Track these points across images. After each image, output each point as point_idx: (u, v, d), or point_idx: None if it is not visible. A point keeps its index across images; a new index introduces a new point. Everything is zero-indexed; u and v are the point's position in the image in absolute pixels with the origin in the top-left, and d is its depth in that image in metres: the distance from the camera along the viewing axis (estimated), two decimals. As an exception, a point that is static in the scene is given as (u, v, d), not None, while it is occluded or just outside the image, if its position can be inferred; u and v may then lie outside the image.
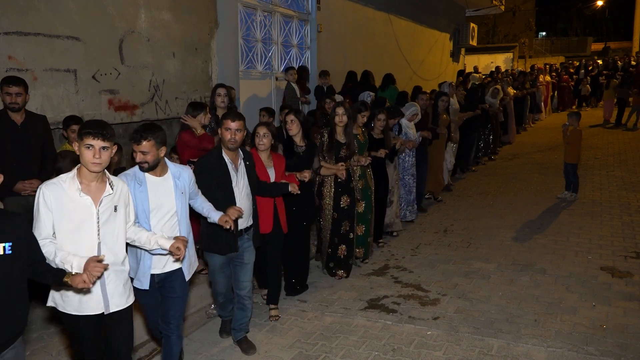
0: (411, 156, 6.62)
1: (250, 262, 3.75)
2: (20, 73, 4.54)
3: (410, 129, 6.55)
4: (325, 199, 4.94)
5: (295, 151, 4.56)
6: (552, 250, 5.63)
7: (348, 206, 4.98)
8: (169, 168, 3.15)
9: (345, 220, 4.98)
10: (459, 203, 7.71)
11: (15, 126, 4.07)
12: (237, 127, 3.50)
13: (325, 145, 4.84)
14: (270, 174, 4.14)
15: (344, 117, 4.83)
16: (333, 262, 5.04)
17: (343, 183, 4.92)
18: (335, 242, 5.00)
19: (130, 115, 5.76)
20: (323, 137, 4.88)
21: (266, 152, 4.12)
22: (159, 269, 3.13)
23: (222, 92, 5.28)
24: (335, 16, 10.14)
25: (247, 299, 3.76)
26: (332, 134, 4.86)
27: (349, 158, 4.95)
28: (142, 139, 2.95)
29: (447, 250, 5.77)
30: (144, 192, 3.00)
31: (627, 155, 10.60)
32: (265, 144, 4.06)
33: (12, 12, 4.56)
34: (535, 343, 3.74)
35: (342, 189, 4.94)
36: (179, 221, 3.13)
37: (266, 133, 4.06)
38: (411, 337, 3.90)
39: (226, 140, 3.51)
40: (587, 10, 34.97)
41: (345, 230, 5.00)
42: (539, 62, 24.50)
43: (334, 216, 4.94)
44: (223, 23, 7.07)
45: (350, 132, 4.90)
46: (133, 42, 5.73)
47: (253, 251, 3.79)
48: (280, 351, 3.75)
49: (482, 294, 4.59)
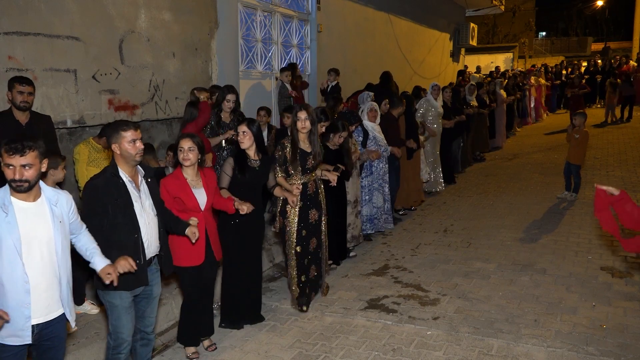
0: (383, 162, 6.07)
1: (158, 295, 3.24)
2: (20, 73, 4.54)
3: (378, 133, 5.99)
4: (289, 216, 4.28)
5: (249, 166, 4.00)
6: (552, 250, 5.62)
7: (316, 221, 4.42)
8: (43, 192, 2.56)
9: (313, 237, 4.42)
10: (459, 203, 7.71)
11: (20, 126, 4.15)
12: (139, 137, 2.97)
13: (289, 156, 4.20)
14: (200, 198, 3.55)
15: (306, 123, 4.19)
16: (301, 285, 4.39)
17: (311, 196, 4.35)
18: (305, 264, 4.38)
19: (130, 115, 5.76)
20: (285, 149, 4.21)
21: (192, 168, 3.54)
22: (41, 317, 2.54)
23: (232, 98, 5.34)
24: (335, 16, 10.14)
25: (152, 334, 3.32)
26: (294, 142, 4.22)
27: (315, 168, 4.39)
28: (25, 149, 2.39)
29: (447, 250, 5.77)
30: (12, 221, 2.41)
31: (627, 155, 10.59)
32: (191, 159, 3.47)
33: (12, 12, 4.56)
34: (535, 343, 3.74)
35: (310, 202, 4.34)
36: (57, 259, 2.55)
37: (192, 147, 3.46)
38: (411, 337, 3.90)
39: (132, 154, 2.92)
40: (587, 10, 35.00)
41: (313, 249, 4.44)
42: (539, 62, 24.50)
43: (302, 233, 4.31)
44: (223, 23, 7.07)
45: (316, 140, 4.29)
46: (133, 42, 5.73)
47: (160, 283, 3.27)
48: (280, 351, 3.75)
49: (482, 294, 4.59)
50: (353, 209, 5.64)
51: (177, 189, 3.49)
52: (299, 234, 4.29)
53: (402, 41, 13.43)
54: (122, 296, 2.99)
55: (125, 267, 2.77)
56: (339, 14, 10.32)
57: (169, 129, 6.47)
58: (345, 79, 9.29)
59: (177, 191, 3.48)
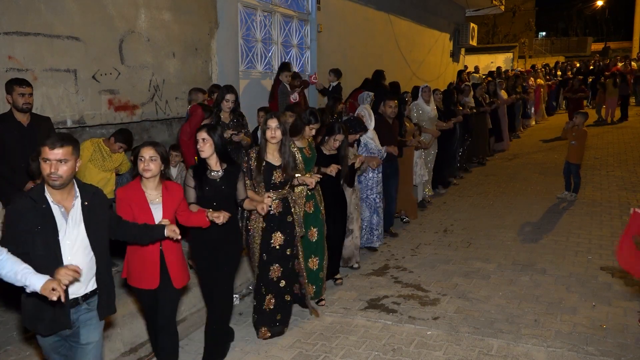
0: (376, 172, 5.53)
1: (92, 341, 2.67)
2: (20, 73, 4.56)
3: (371, 140, 5.48)
4: (253, 236, 3.86)
5: (210, 178, 3.49)
6: (552, 250, 5.63)
7: (281, 246, 3.88)
8: None
9: (275, 263, 3.88)
10: (459, 203, 7.71)
11: (22, 127, 4.19)
12: (63, 157, 2.43)
13: (253, 168, 3.77)
14: (155, 213, 3.09)
15: (277, 132, 3.71)
16: (257, 315, 3.96)
17: (276, 216, 3.84)
18: (262, 292, 3.91)
19: (130, 115, 5.77)
20: (250, 160, 3.79)
21: (153, 181, 3.10)
22: None
23: (231, 98, 5.32)
24: (335, 16, 10.14)
25: None
26: (261, 153, 3.79)
27: (285, 184, 3.86)
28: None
29: (447, 250, 5.76)
30: None
31: (627, 155, 10.60)
32: (152, 170, 3.03)
33: (12, 12, 4.56)
34: (535, 343, 3.74)
35: (273, 223, 3.85)
36: None
37: (154, 156, 3.03)
38: (411, 337, 3.90)
39: (45, 175, 2.44)
40: (587, 10, 35.02)
41: (275, 277, 3.90)
42: (539, 62, 24.49)
43: (263, 258, 3.87)
44: (223, 23, 7.07)
45: (287, 151, 3.80)
46: (133, 42, 5.74)
47: (98, 327, 2.71)
48: (280, 351, 3.75)
49: (482, 294, 4.59)
50: None
51: (132, 201, 3.06)
52: (260, 258, 3.88)
53: (402, 41, 13.43)
54: (44, 339, 2.63)
55: (68, 277, 2.30)
56: (339, 14, 10.32)
57: (169, 129, 6.47)
58: (345, 79, 9.28)
59: (132, 204, 3.05)
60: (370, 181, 5.54)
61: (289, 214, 3.90)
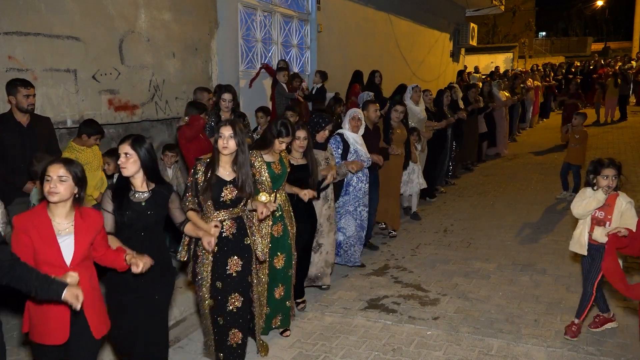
0: (364, 182, 5.07)
1: None
2: (20, 73, 4.56)
3: (360, 146, 4.95)
4: (202, 263, 3.24)
5: (133, 201, 2.85)
6: (552, 250, 5.62)
7: (238, 272, 3.30)
8: None
9: (234, 292, 3.30)
10: (459, 203, 7.71)
11: (22, 127, 4.20)
12: None
13: (200, 183, 3.17)
14: (65, 248, 2.46)
15: (230, 142, 3.12)
16: (223, 353, 3.35)
17: (230, 238, 3.25)
18: (220, 325, 3.31)
19: (130, 115, 5.77)
20: (197, 174, 3.18)
21: (63, 207, 2.47)
22: None
23: (228, 97, 5.32)
24: (335, 16, 10.15)
25: None
26: (212, 166, 3.19)
27: (238, 203, 3.25)
28: None
29: (447, 250, 5.77)
30: None
31: (627, 155, 10.59)
32: (60, 193, 2.41)
33: (12, 12, 4.57)
34: (535, 343, 3.74)
35: (227, 247, 3.26)
36: None
37: (64, 176, 2.42)
38: (411, 337, 3.90)
39: None
40: (587, 10, 35.02)
41: (235, 308, 3.31)
42: (540, 62, 24.49)
43: (216, 285, 3.25)
44: (223, 23, 7.08)
45: (244, 164, 3.20)
46: (133, 42, 5.74)
47: None
48: (280, 351, 3.75)
49: (482, 294, 4.59)
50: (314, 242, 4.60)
51: (34, 232, 2.40)
52: (213, 286, 3.26)
53: (402, 41, 13.44)
54: None
55: None
56: (339, 14, 10.32)
57: (169, 129, 6.48)
58: (345, 79, 9.29)
59: (34, 235, 2.40)
60: (359, 192, 5.06)
61: (246, 235, 3.33)
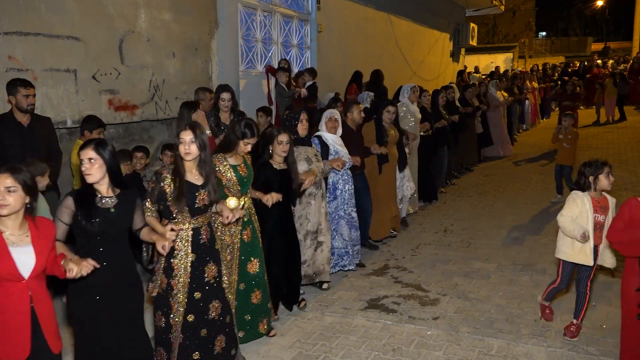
0: (350, 183, 5.07)
1: None
2: (20, 73, 4.56)
3: (340, 147, 4.93)
4: (176, 275, 3.10)
5: (100, 207, 2.74)
6: (552, 250, 5.54)
7: (215, 278, 3.24)
8: None
9: (213, 299, 3.22)
10: (459, 203, 7.71)
11: (22, 127, 4.22)
12: None
13: (169, 190, 3.05)
14: (22, 259, 2.40)
15: (192, 147, 3.04)
16: None
17: (206, 245, 3.19)
18: (201, 337, 3.19)
19: (130, 115, 5.77)
20: (162, 181, 3.06)
21: (15, 218, 2.43)
22: None
23: (227, 97, 5.32)
24: (335, 16, 10.15)
25: None
26: (178, 173, 3.08)
27: (210, 207, 3.22)
28: None
29: (447, 250, 5.77)
30: None
31: (627, 155, 10.59)
32: (10, 205, 2.36)
33: (12, 12, 4.57)
34: (535, 343, 3.74)
35: (205, 254, 3.19)
36: None
37: (12, 187, 2.36)
38: (411, 337, 3.90)
39: None
40: (587, 10, 35.02)
41: (217, 315, 3.24)
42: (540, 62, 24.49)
43: (195, 296, 3.14)
44: (223, 23, 7.08)
45: (209, 169, 3.16)
46: (133, 42, 5.74)
47: None
48: (280, 351, 3.75)
49: (482, 294, 4.59)
50: (312, 241, 4.55)
51: None
52: (191, 298, 3.13)
53: (402, 41, 13.43)
54: None
55: None
56: (339, 14, 10.32)
57: (169, 129, 6.47)
58: (345, 79, 9.30)
59: None
60: (346, 194, 5.05)
61: (215, 240, 3.30)
